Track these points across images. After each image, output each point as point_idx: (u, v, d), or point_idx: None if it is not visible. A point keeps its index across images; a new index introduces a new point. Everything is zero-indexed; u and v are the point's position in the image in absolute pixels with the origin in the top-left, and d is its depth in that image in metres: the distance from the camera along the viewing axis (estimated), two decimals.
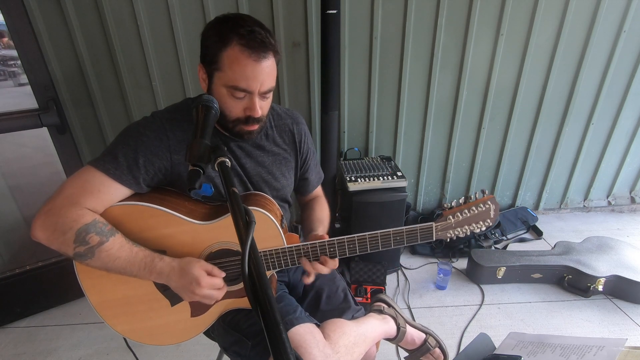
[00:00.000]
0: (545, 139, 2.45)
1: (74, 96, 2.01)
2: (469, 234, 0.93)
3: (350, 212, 1.94)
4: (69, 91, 1.99)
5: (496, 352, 0.84)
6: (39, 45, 1.76)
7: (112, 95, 2.05)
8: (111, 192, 0.83)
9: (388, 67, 2.14)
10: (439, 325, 1.79)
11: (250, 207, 0.83)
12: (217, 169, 0.64)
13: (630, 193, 2.74)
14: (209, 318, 0.96)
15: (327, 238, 0.92)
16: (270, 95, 0.88)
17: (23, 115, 1.74)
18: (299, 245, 0.91)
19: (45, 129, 1.81)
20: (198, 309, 0.93)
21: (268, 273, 0.94)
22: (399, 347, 1.66)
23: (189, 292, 0.82)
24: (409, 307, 1.90)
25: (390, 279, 2.08)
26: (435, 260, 2.24)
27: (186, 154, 0.65)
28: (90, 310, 1.96)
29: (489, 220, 0.92)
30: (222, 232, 0.87)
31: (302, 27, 1.99)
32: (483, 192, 0.92)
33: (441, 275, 2.00)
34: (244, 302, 0.95)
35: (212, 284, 0.82)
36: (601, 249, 2.07)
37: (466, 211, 0.89)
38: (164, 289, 0.90)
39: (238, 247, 0.89)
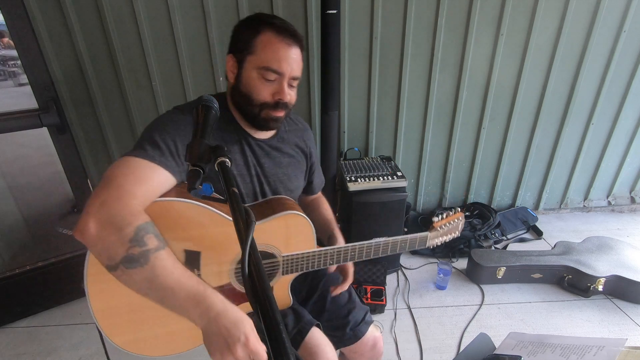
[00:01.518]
0: (545, 139, 2.45)
1: (74, 96, 2.01)
2: (443, 241, 1.14)
3: (350, 212, 1.94)
4: (69, 91, 1.99)
5: (496, 352, 0.84)
6: (39, 45, 1.76)
7: (112, 95, 2.06)
8: (160, 180, 0.76)
9: (388, 67, 2.14)
10: (439, 325, 1.79)
11: (293, 212, 0.89)
12: (217, 168, 0.64)
13: (630, 193, 2.74)
14: None
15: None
16: (297, 85, 0.91)
17: (23, 115, 1.74)
18: (340, 248, 0.97)
19: (45, 129, 1.81)
20: None
21: (290, 276, 0.97)
22: (398, 348, 1.67)
23: (227, 345, 0.64)
24: (409, 307, 1.90)
25: (390, 279, 2.08)
26: (435, 260, 2.24)
27: (186, 154, 0.65)
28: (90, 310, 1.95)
29: (457, 232, 1.16)
30: (263, 234, 0.87)
31: (302, 27, 1.99)
32: (455, 209, 1.15)
33: (441, 275, 2.00)
34: None
35: (257, 350, 0.64)
36: (601, 249, 2.07)
37: (448, 224, 1.11)
38: None
39: (273, 250, 0.90)
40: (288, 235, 0.90)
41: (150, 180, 0.74)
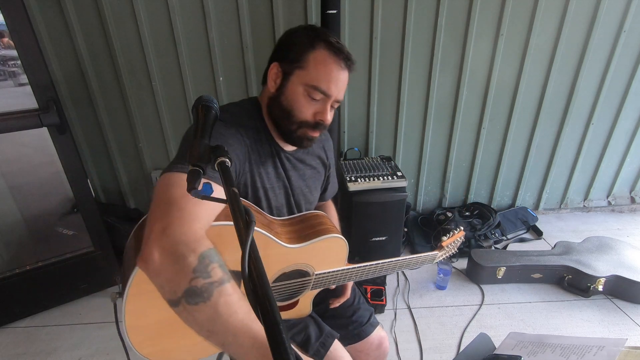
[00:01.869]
0: (545, 139, 2.45)
1: (74, 96, 2.01)
2: (446, 257, 1.27)
3: (350, 212, 1.94)
4: (69, 91, 1.99)
5: (496, 352, 0.84)
6: (39, 45, 1.75)
7: (112, 95, 2.06)
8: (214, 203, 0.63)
9: (388, 67, 2.14)
10: (439, 325, 1.79)
11: (334, 235, 0.91)
12: (217, 168, 0.64)
13: (630, 193, 2.74)
14: None
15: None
16: (335, 108, 0.90)
17: (23, 115, 1.74)
18: (365, 266, 1.01)
19: (45, 129, 1.80)
20: None
21: (314, 291, 0.99)
22: (398, 348, 1.67)
23: None
24: (409, 307, 1.90)
25: (390, 279, 2.08)
26: None
27: (186, 154, 0.65)
28: (90, 310, 1.96)
29: (456, 249, 1.29)
30: (304, 255, 0.88)
31: None
32: (458, 227, 1.27)
33: (441, 275, 2.00)
34: (286, 315, 0.99)
35: None
36: (601, 249, 2.07)
37: (452, 243, 1.24)
38: None
39: (308, 268, 0.91)
40: (325, 255, 0.92)
41: (209, 206, 0.65)
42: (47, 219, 2.30)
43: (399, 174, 1.95)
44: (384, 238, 1.99)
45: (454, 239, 1.23)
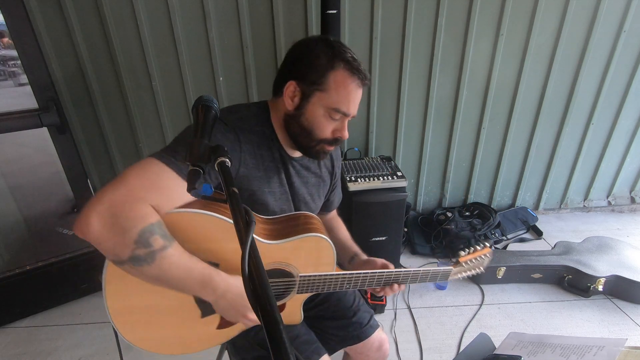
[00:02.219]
0: (545, 139, 2.45)
1: (74, 96, 2.01)
2: (466, 275, 1.11)
3: (350, 212, 1.94)
4: (69, 91, 1.99)
5: (496, 352, 0.84)
6: (39, 45, 1.76)
7: (112, 95, 2.06)
8: (179, 191, 0.72)
9: (388, 67, 2.14)
10: (439, 325, 1.79)
11: (317, 235, 0.88)
12: (217, 168, 0.64)
13: (630, 193, 2.74)
14: (233, 331, 0.95)
15: (391, 267, 0.98)
16: None
17: (23, 115, 1.74)
18: (359, 274, 0.95)
19: (45, 129, 1.80)
20: (227, 321, 0.91)
21: (304, 295, 0.97)
22: (398, 348, 1.67)
23: (240, 315, 0.79)
24: (409, 307, 1.90)
25: None
26: (435, 260, 2.24)
27: (186, 154, 0.65)
28: (90, 310, 1.96)
29: (482, 267, 1.11)
30: (284, 253, 0.86)
31: (302, 27, 1.99)
32: (484, 244, 1.10)
33: None
34: None
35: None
36: (601, 249, 2.07)
37: (474, 260, 1.07)
38: (200, 300, 0.85)
39: (291, 269, 0.89)
40: (308, 256, 0.89)
41: (169, 191, 0.72)
42: (47, 219, 2.30)
43: (399, 174, 1.95)
44: (384, 238, 1.99)
45: (476, 256, 1.07)
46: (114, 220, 0.66)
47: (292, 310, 0.98)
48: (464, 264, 1.06)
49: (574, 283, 1.95)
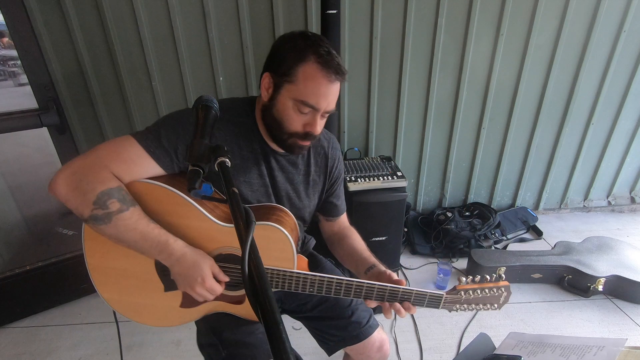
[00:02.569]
0: (545, 139, 2.45)
1: (74, 96, 2.01)
2: (471, 311, 0.94)
3: (350, 212, 1.93)
4: (69, 91, 1.99)
5: (496, 352, 0.84)
6: (39, 45, 1.76)
7: (112, 95, 2.05)
8: (144, 167, 0.82)
9: (388, 67, 2.14)
10: (439, 325, 1.79)
11: (272, 225, 0.86)
12: (217, 168, 0.64)
13: (630, 193, 2.74)
14: (197, 313, 0.96)
15: (403, 284, 0.90)
16: (327, 116, 0.90)
17: (23, 115, 1.74)
18: (323, 277, 0.90)
19: (45, 129, 1.81)
20: (189, 301, 0.93)
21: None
22: (398, 348, 1.67)
23: (188, 284, 0.83)
24: None
25: None
26: (435, 260, 2.24)
27: (186, 154, 0.65)
28: (90, 310, 1.97)
29: (496, 305, 0.93)
30: (236, 238, 0.87)
31: (302, 27, 1.99)
32: (500, 276, 0.93)
33: (441, 275, 2.00)
34: (233, 309, 0.95)
35: (212, 288, 0.83)
36: (601, 249, 2.07)
37: (479, 290, 0.90)
38: (162, 273, 0.90)
39: None
40: (267, 247, 0.87)
41: (133, 164, 0.81)
42: (47, 219, 2.30)
43: (399, 174, 1.95)
44: (384, 238, 1.99)
45: (485, 287, 0.89)
46: (77, 182, 0.76)
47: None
48: (463, 295, 0.90)
49: (574, 283, 1.95)
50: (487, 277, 0.91)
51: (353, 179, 1.92)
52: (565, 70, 2.23)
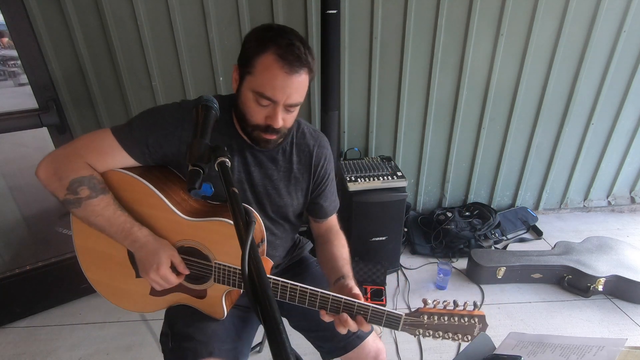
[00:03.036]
0: (545, 139, 2.45)
1: (74, 96, 2.01)
2: (439, 339, 0.84)
3: (350, 212, 1.94)
4: (69, 91, 1.99)
5: (496, 352, 0.84)
6: (39, 45, 1.76)
7: (112, 95, 2.06)
8: (117, 157, 0.88)
9: (388, 67, 2.14)
10: None
11: (223, 219, 0.86)
12: (217, 168, 0.64)
13: (630, 193, 2.74)
14: (163, 302, 0.99)
15: (360, 299, 0.84)
16: (296, 109, 0.88)
17: (23, 115, 1.74)
18: (283, 282, 0.86)
19: (45, 129, 1.81)
20: (156, 290, 0.94)
21: (224, 287, 0.92)
22: (398, 348, 1.67)
23: (144, 270, 0.86)
24: (409, 307, 1.90)
25: (390, 279, 2.08)
26: (435, 260, 2.24)
27: (186, 154, 0.65)
28: (90, 310, 1.96)
29: (468, 337, 0.84)
30: (200, 232, 0.89)
31: (302, 27, 1.99)
32: (475, 305, 0.85)
33: (441, 275, 2.00)
34: (195, 303, 0.96)
35: (165, 277, 0.86)
36: (601, 249, 2.07)
37: (445, 317, 0.81)
38: (133, 259, 0.93)
39: (207, 252, 0.90)
40: (223, 243, 0.88)
41: (106, 155, 0.88)
42: (47, 219, 2.30)
43: (399, 174, 1.95)
44: (383, 238, 1.99)
45: (453, 315, 0.81)
46: (55, 169, 0.85)
47: (215, 301, 0.94)
48: (425, 317, 0.81)
49: (574, 283, 1.95)
50: (459, 304, 0.82)
51: (353, 179, 1.92)
52: (565, 70, 2.23)
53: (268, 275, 0.86)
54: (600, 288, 1.87)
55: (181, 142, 0.90)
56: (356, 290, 0.89)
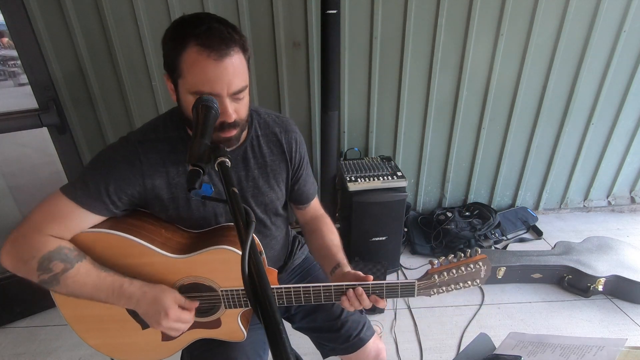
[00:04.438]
0: (545, 139, 2.45)
1: (74, 96, 2.01)
2: (453, 291, 0.90)
3: (350, 212, 1.94)
4: (69, 91, 1.99)
5: (496, 352, 0.84)
6: (39, 45, 1.76)
7: (112, 95, 2.06)
8: (80, 219, 0.80)
9: (388, 67, 2.14)
10: (439, 325, 1.79)
11: (223, 247, 0.82)
12: (217, 168, 0.64)
13: (630, 193, 2.74)
14: (179, 344, 0.95)
15: (369, 279, 0.86)
16: (245, 95, 0.79)
17: (23, 115, 1.74)
18: (290, 288, 0.87)
19: (45, 129, 1.81)
20: (168, 335, 0.91)
21: (237, 310, 0.92)
22: (398, 348, 1.67)
23: (155, 322, 0.81)
24: (409, 307, 1.90)
25: (390, 278, 2.08)
26: (435, 260, 2.24)
27: (187, 154, 0.65)
28: None
29: (477, 281, 0.89)
30: (197, 266, 0.85)
31: (302, 27, 1.99)
32: (476, 251, 0.89)
33: None
34: (213, 333, 0.94)
35: (179, 318, 0.81)
36: (601, 249, 2.07)
37: (453, 270, 0.87)
38: (134, 314, 0.87)
39: (210, 283, 0.86)
40: (222, 269, 0.85)
41: (67, 220, 0.79)
42: None
43: (399, 174, 1.95)
44: (383, 238, 1.99)
45: (459, 266, 0.86)
46: (18, 253, 0.77)
47: (232, 326, 0.92)
48: (436, 277, 0.87)
49: (574, 283, 1.95)
50: (461, 254, 0.87)
51: (353, 179, 1.92)
52: (565, 70, 2.23)
53: (284, 286, 0.86)
54: (600, 288, 1.87)
55: (144, 177, 0.83)
56: (361, 274, 0.88)
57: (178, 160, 0.85)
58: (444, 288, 0.89)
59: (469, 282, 0.89)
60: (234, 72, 0.73)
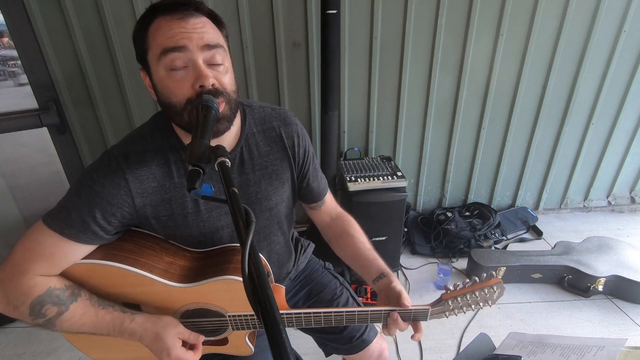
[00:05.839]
0: (545, 139, 2.45)
1: (74, 96, 2.01)
2: (463, 313, 0.90)
3: (350, 212, 1.93)
4: (69, 91, 1.99)
5: (496, 352, 0.84)
6: (39, 45, 1.76)
7: (112, 95, 2.06)
8: (69, 253, 0.73)
9: (388, 67, 2.14)
10: (439, 325, 1.79)
11: (228, 277, 0.78)
12: (217, 168, 0.64)
13: (630, 193, 2.74)
14: None
15: (408, 305, 0.83)
16: (224, 63, 0.73)
17: (23, 115, 1.74)
18: (300, 313, 0.85)
19: (45, 129, 1.81)
20: None
21: (243, 331, 0.90)
22: (398, 347, 1.67)
23: (157, 356, 0.79)
24: None
25: None
26: (435, 260, 2.24)
27: (187, 154, 0.65)
28: None
29: (489, 302, 0.89)
30: (204, 295, 0.81)
31: (302, 27, 1.99)
32: (492, 274, 0.88)
33: (441, 275, 2.00)
34: (221, 349, 0.93)
35: (180, 358, 0.79)
36: (601, 249, 2.07)
37: (467, 296, 0.86)
38: None
39: (217, 308, 0.84)
40: (232, 297, 0.82)
41: (54, 256, 0.72)
42: None
43: (399, 174, 1.95)
44: (384, 238, 1.99)
45: (475, 290, 0.85)
46: (5, 298, 0.71)
47: (238, 344, 0.92)
48: (449, 303, 0.85)
49: (574, 283, 1.95)
50: (476, 278, 0.86)
51: (353, 179, 1.92)
52: (565, 70, 2.23)
53: (314, 310, 0.83)
54: (600, 288, 1.87)
55: (133, 196, 0.75)
56: (405, 294, 0.85)
57: (171, 171, 0.78)
58: (455, 311, 0.89)
59: (481, 304, 0.89)
60: (202, 29, 0.69)
